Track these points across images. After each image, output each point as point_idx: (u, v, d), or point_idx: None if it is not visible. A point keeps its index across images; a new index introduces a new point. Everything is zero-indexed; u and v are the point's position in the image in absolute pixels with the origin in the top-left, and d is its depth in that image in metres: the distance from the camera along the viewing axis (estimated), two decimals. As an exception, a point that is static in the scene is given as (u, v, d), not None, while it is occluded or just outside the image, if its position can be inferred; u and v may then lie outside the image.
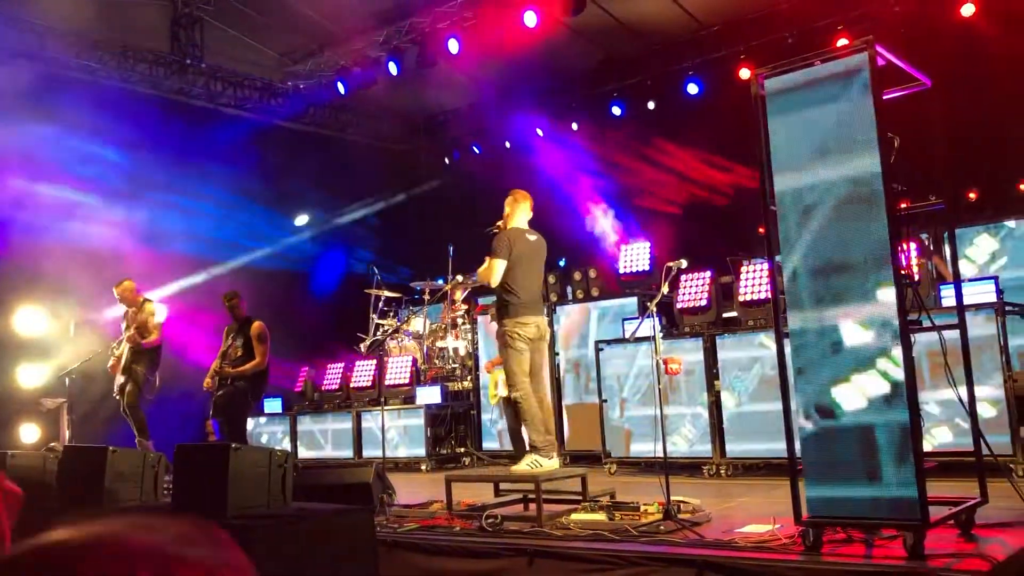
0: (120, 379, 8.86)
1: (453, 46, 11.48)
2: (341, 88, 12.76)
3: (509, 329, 5.98)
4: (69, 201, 10.54)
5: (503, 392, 7.39)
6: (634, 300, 9.16)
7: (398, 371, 10.67)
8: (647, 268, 9.33)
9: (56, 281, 10.40)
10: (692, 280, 8.18)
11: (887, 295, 3.99)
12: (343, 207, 14.23)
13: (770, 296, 6.91)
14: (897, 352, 3.93)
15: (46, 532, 0.78)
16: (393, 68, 12.06)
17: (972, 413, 4.54)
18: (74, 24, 11.01)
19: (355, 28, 12.27)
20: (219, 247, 12.08)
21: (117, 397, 8.92)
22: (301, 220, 14.00)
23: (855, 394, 4.04)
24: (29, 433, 10.30)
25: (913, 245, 5.05)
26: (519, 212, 6.38)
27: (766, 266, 7.11)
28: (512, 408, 6.57)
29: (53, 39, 11.11)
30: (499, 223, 6.29)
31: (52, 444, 9.03)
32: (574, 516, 5.29)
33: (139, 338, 8.79)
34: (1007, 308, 6.59)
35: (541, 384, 6.19)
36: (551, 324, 9.19)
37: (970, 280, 6.76)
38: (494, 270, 6.06)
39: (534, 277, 6.23)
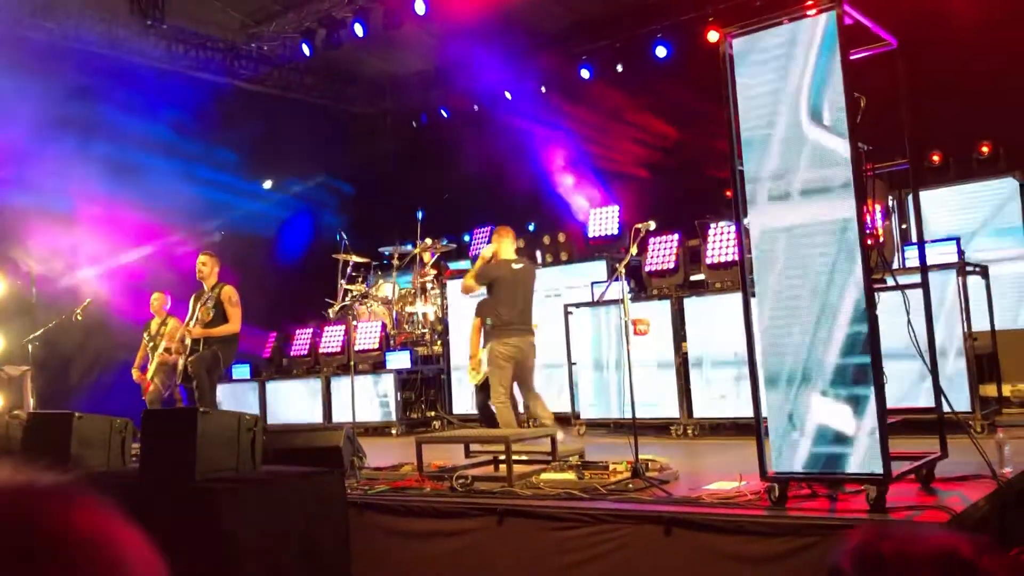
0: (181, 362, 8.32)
1: (420, 7, 11.31)
2: (306, 50, 12.55)
3: (492, 348, 6.94)
4: (24, 163, 10.30)
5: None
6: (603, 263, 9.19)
7: (367, 336, 10.64)
8: (616, 231, 9.35)
9: (13, 245, 10.20)
10: (660, 243, 8.22)
11: (852, 255, 4.03)
12: (309, 171, 14.06)
13: (737, 258, 6.96)
14: (862, 310, 3.99)
15: None
16: (359, 29, 11.88)
17: (934, 371, 4.62)
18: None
19: (320, -12, 12.05)
20: (182, 211, 11.90)
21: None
22: (266, 184, 13.83)
23: (819, 352, 4.09)
24: (-8, 401, 10.16)
25: (878, 206, 5.10)
26: (504, 246, 7.23)
27: (733, 228, 7.15)
28: (484, 394, 7.52)
29: (7, -2, 10.79)
30: (484, 254, 7.21)
31: (16, 411, 8.91)
32: (544, 476, 5.34)
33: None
34: (968, 268, 6.70)
35: (531, 388, 7.18)
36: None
37: (932, 241, 6.86)
38: (465, 283, 7.32)
39: (516, 301, 7.06)
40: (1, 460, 0.80)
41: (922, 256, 4.96)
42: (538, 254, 10.16)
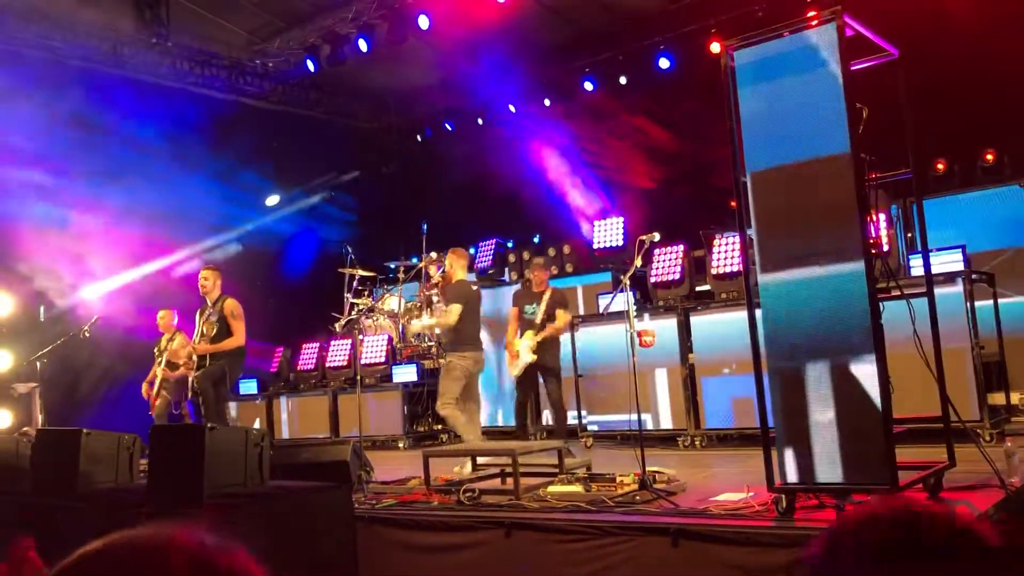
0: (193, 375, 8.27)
1: (423, 22, 11.37)
2: (311, 66, 12.61)
3: (451, 360, 7.20)
4: (32, 182, 10.36)
5: (527, 358, 7.63)
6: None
7: (374, 350, 10.65)
8: (620, 243, 9.36)
9: (21, 263, 10.26)
10: (665, 254, 8.22)
11: (856, 264, 4.03)
12: (314, 187, 14.11)
13: (742, 269, 6.96)
14: (866, 320, 3.99)
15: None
16: (363, 45, 11.93)
17: (940, 380, 4.61)
18: (35, 1, 10.78)
19: (324, 4, 12.12)
20: (189, 228, 11.95)
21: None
22: (272, 200, 13.88)
23: (826, 363, 4.09)
24: (1, 418, 10.19)
25: (882, 215, 5.11)
26: (460, 267, 7.58)
27: (738, 239, 7.15)
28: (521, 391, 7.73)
29: (13, 16, 10.88)
30: (439, 276, 7.58)
31: (25, 428, 8.94)
32: (551, 488, 5.34)
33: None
34: (974, 276, 6.69)
35: (476, 401, 7.48)
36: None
37: (938, 249, 6.85)
38: (454, 314, 7.22)
39: (475, 319, 7.43)
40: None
41: (926, 264, 4.96)
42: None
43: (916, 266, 6.73)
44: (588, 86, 12.84)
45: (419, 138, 15.09)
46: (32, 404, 9.83)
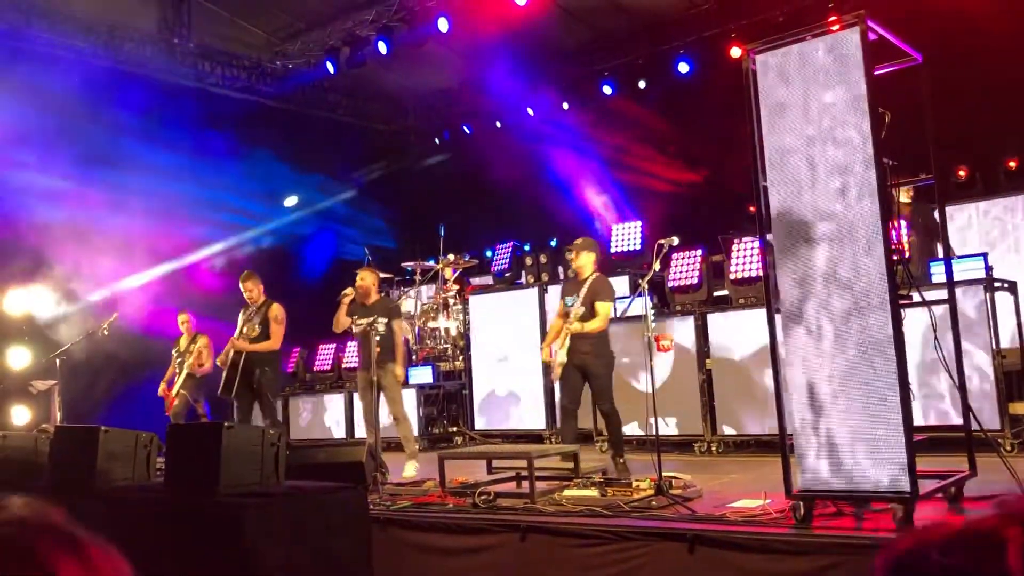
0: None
1: (443, 25, 11.38)
2: (330, 67, 12.65)
3: (392, 369, 7.75)
4: (55, 181, 10.44)
5: (560, 358, 6.66)
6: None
7: (390, 351, 10.65)
8: (638, 247, 9.33)
9: (43, 261, 10.34)
10: (683, 258, 8.19)
11: (878, 270, 4.00)
12: (333, 188, 14.16)
13: (761, 274, 6.92)
14: (888, 326, 3.95)
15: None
16: (383, 47, 11.96)
17: (962, 388, 4.57)
18: (60, 3, 10.88)
19: (344, 7, 12.16)
20: (208, 228, 12.02)
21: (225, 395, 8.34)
22: (290, 201, 13.93)
23: (845, 369, 4.05)
24: (20, 415, 10.27)
25: (903, 221, 5.06)
26: (377, 285, 8.35)
27: (757, 244, 7.12)
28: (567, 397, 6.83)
29: (38, 18, 10.99)
30: (351, 290, 8.14)
31: (44, 425, 9.00)
32: (566, 492, 5.32)
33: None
34: (995, 284, 6.63)
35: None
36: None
37: (959, 257, 6.79)
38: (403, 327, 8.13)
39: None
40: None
41: (948, 272, 4.92)
42: (559, 269, 10.14)
43: (938, 273, 6.66)
44: (607, 90, 12.82)
45: (437, 140, 15.11)
46: (51, 401, 9.90)
